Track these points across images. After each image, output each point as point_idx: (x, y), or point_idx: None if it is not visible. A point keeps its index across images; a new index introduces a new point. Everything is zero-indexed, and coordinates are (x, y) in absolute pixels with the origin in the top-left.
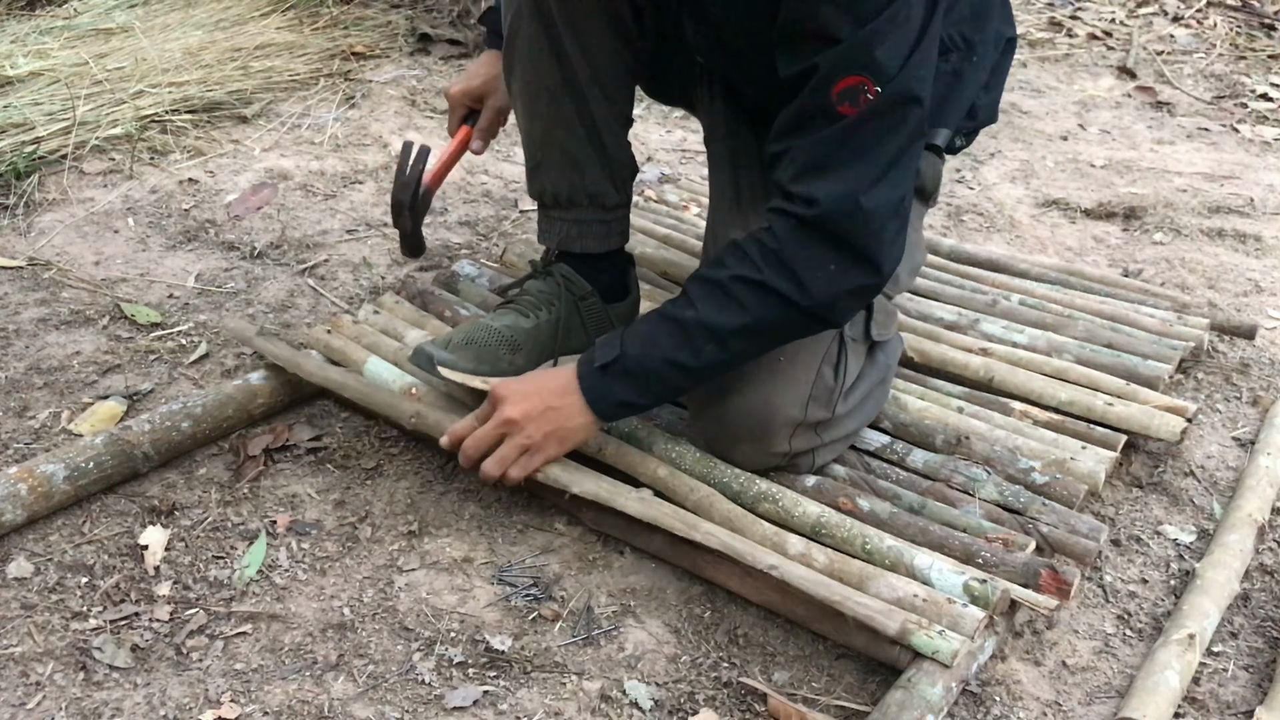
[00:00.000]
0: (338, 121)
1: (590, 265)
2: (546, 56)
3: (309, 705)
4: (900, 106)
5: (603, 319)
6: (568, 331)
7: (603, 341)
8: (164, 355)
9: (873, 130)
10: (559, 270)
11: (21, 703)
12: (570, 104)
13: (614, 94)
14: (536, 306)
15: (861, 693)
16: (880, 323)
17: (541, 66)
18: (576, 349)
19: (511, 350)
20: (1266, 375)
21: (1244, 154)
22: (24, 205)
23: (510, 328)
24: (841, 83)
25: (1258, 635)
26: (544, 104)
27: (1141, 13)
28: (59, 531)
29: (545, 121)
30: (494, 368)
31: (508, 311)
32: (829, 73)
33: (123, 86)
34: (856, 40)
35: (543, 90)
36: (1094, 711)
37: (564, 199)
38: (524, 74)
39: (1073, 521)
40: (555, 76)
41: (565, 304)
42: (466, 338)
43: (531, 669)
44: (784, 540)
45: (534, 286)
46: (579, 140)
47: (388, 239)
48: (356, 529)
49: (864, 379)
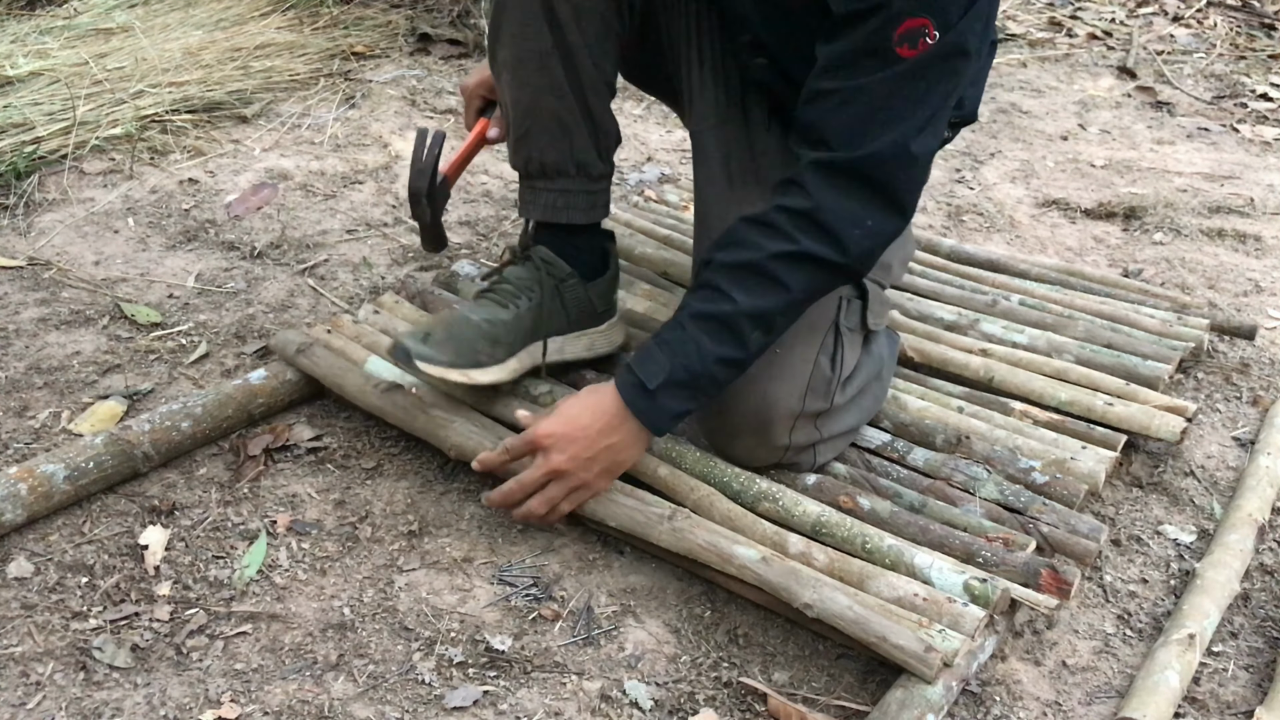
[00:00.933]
0: (338, 121)
1: (570, 244)
2: (539, 19)
3: (309, 705)
4: (955, 57)
5: (582, 299)
6: (549, 316)
7: (639, 360)
8: (164, 355)
9: (928, 77)
10: (538, 254)
11: (21, 703)
12: (561, 69)
13: (601, 60)
14: (515, 295)
15: (861, 693)
16: (876, 312)
17: (532, 29)
18: (557, 331)
19: (491, 344)
20: (1266, 375)
21: (1244, 154)
22: (24, 205)
23: (489, 321)
24: (906, 23)
25: (1258, 635)
26: (533, 69)
27: (1141, 13)
28: (59, 531)
29: (534, 88)
30: (473, 361)
31: (487, 302)
32: (897, 12)
33: (123, 86)
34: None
35: (533, 55)
36: (1094, 711)
37: (551, 168)
38: (513, 40)
39: (1073, 521)
40: (546, 40)
41: (545, 289)
42: (446, 332)
43: (531, 669)
44: (784, 539)
45: (513, 273)
46: (568, 106)
47: (388, 239)
48: (356, 529)
49: (860, 371)
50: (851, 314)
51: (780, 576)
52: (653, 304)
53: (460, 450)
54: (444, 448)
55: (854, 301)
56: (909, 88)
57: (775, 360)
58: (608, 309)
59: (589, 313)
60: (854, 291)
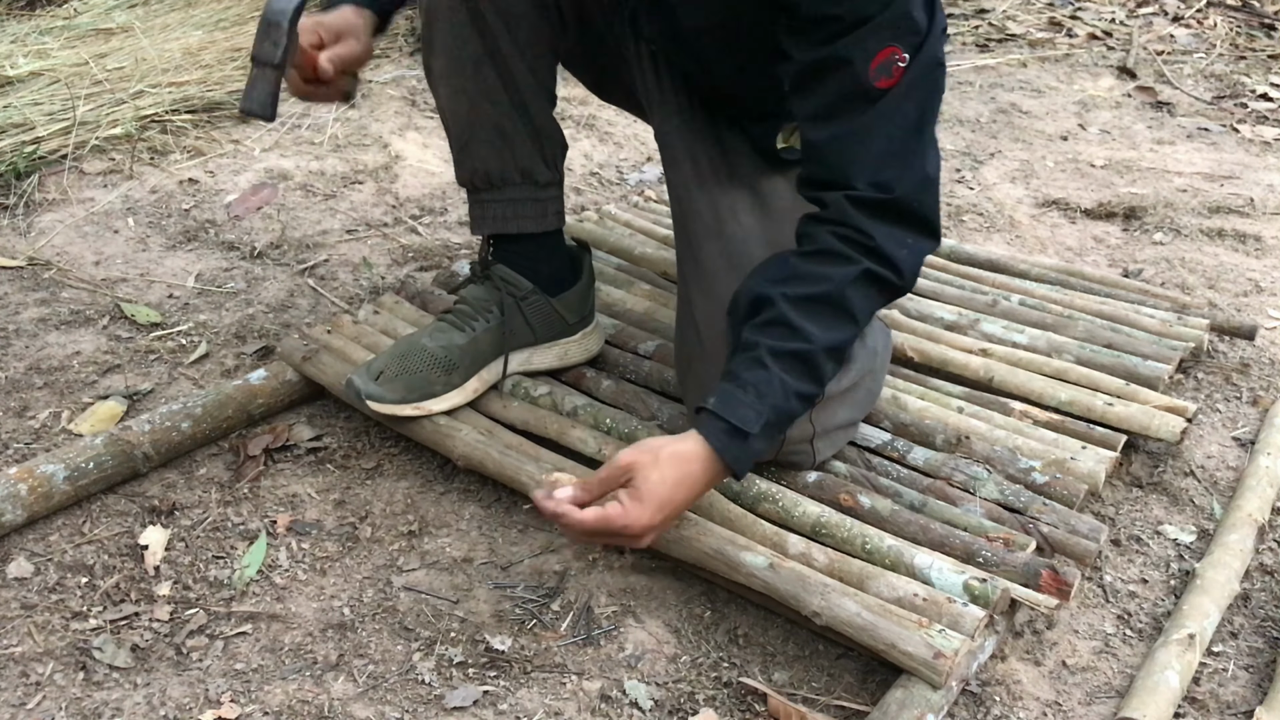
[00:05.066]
0: (338, 121)
1: (528, 257)
2: (467, 26)
3: (309, 705)
4: (931, 70)
5: (548, 313)
6: (512, 333)
7: (725, 405)
8: (164, 355)
9: (914, 97)
10: (496, 273)
11: (21, 703)
12: (495, 74)
13: (537, 66)
14: (473, 316)
15: (861, 693)
16: None
17: (462, 37)
18: (521, 345)
19: (446, 371)
20: (1266, 375)
21: (1244, 154)
22: (24, 205)
23: (444, 348)
24: (877, 58)
25: (1258, 635)
26: (468, 77)
27: (1141, 13)
28: (59, 531)
29: (470, 96)
30: (426, 393)
31: (445, 327)
32: (865, 51)
33: (123, 86)
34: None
35: (466, 63)
36: (1094, 711)
37: (495, 177)
38: (445, 50)
39: (1073, 521)
40: (477, 46)
41: (506, 307)
42: (400, 367)
43: (531, 669)
44: (784, 540)
45: (471, 293)
46: (505, 112)
47: (388, 239)
48: (356, 529)
49: (854, 361)
50: None
51: (788, 584)
52: (652, 304)
53: (468, 459)
54: (452, 457)
55: None
56: (899, 115)
57: None
58: (582, 319)
59: (558, 325)
60: None
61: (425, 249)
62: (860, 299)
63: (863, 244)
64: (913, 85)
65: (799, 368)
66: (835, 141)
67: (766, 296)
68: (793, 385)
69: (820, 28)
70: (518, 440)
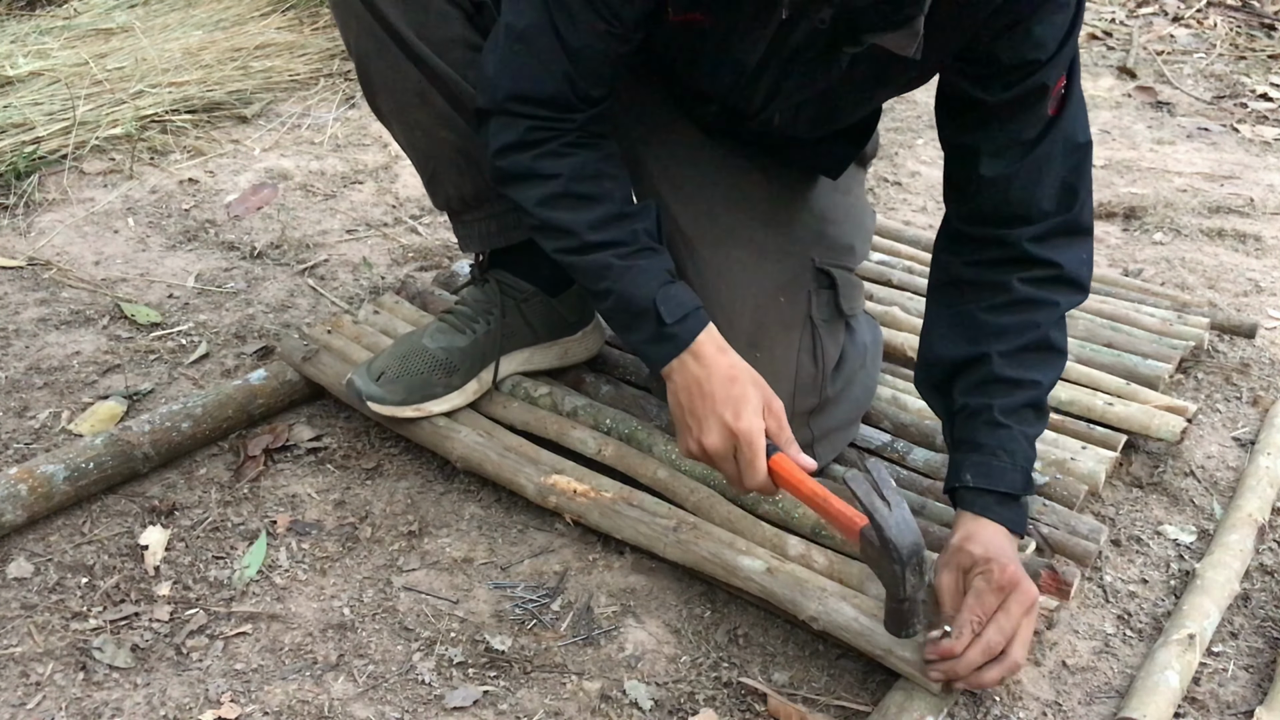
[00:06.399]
0: (338, 121)
1: (526, 261)
2: (401, 59)
3: (309, 705)
4: (1076, 85)
5: (549, 314)
6: (511, 334)
7: (989, 477)
8: (164, 355)
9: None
10: (495, 276)
11: (21, 703)
12: (441, 99)
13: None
14: (473, 319)
15: (861, 693)
16: (848, 296)
17: (400, 71)
18: (522, 345)
19: (447, 373)
20: (1266, 375)
21: (1244, 154)
22: (24, 205)
23: (445, 349)
24: (1056, 88)
25: (1258, 635)
26: (416, 109)
27: (1141, 13)
28: (59, 531)
29: (425, 128)
30: (426, 394)
31: (445, 329)
32: (1052, 83)
33: (123, 86)
34: (1067, 46)
35: (411, 94)
36: (1094, 711)
37: (470, 198)
38: (386, 88)
39: (1073, 522)
40: (415, 76)
41: (507, 309)
42: (401, 368)
43: (531, 669)
44: (784, 541)
45: (471, 295)
46: (463, 133)
47: (388, 239)
48: (356, 529)
49: (846, 360)
50: (822, 305)
51: (785, 588)
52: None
53: (466, 461)
54: (451, 458)
55: (823, 292)
56: (1067, 133)
57: (757, 367)
58: (581, 317)
59: (559, 325)
60: (822, 282)
61: (425, 249)
62: (1062, 331)
63: (1052, 277)
64: (1071, 105)
65: (1031, 415)
66: (1021, 173)
67: (976, 356)
68: (1031, 433)
69: (1018, 70)
70: (517, 441)
